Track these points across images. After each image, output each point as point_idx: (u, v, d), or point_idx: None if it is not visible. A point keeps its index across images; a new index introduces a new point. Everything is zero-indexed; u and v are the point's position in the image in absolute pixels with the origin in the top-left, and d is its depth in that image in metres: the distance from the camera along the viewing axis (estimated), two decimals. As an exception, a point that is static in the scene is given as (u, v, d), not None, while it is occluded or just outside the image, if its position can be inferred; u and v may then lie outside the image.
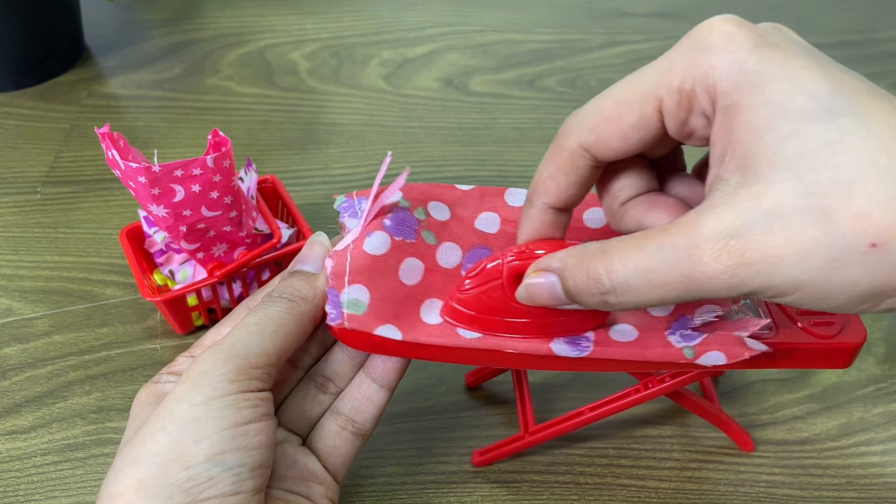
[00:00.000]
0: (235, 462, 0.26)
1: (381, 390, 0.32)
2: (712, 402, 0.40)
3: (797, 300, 0.22)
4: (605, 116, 0.25)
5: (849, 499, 0.38)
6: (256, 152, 0.57)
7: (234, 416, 0.26)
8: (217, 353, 0.27)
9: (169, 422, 0.26)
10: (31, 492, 0.38)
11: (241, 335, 0.28)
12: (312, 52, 0.67)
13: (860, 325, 0.30)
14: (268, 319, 0.28)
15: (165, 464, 0.25)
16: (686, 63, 0.23)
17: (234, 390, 0.27)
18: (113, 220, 0.52)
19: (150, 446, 0.26)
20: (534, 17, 0.71)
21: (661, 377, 0.36)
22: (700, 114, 0.24)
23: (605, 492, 0.38)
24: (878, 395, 0.43)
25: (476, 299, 0.29)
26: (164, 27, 0.69)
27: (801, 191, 0.21)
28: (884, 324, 0.46)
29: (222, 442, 0.26)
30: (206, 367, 0.27)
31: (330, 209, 0.53)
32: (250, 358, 0.27)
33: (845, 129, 0.21)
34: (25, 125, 0.60)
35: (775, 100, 0.22)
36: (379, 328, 0.28)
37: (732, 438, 0.40)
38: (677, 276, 0.23)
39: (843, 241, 0.21)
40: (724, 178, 0.23)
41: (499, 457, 0.39)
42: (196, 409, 0.26)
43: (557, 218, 0.28)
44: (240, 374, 0.27)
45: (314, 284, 0.30)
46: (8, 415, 0.42)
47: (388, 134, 0.59)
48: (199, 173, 0.38)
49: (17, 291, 0.48)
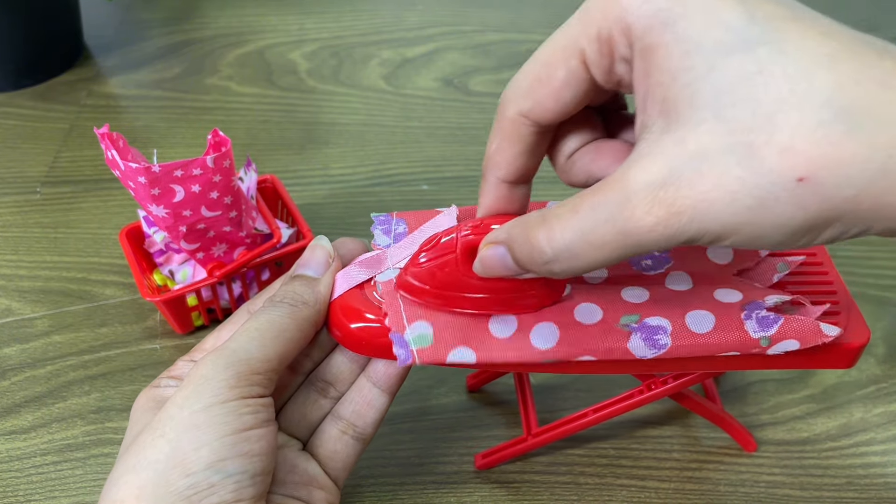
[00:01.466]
0: (236, 469, 0.26)
1: (383, 394, 0.32)
2: (714, 402, 0.40)
3: (736, 242, 0.21)
4: (535, 79, 0.25)
5: (849, 499, 0.38)
6: (256, 152, 0.57)
7: (235, 422, 0.26)
8: (218, 358, 0.27)
9: (169, 428, 0.26)
10: (31, 492, 0.38)
11: (243, 340, 0.28)
12: (312, 51, 0.67)
13: (863, 325, 0.30)
14: (269, 325, 0.28)
15: (166, 471, 0.25)
16: (600, 9, 0.22)
17: (235, 396, 0.26)
18: (112, 220, 0.52)
19: (150, 453, 0.26)
20: (534, 17, 0.71)
21: (664, 378, 0.36)
22: (622, 60, 0.23)
23: (605, 492, 0.38)
24: (878, 395, 0.43)
25: (430, 273, 0.28)
26: (164, 27, 0.69)
27: (722, 130, 0.20)
28: (884, 324, 0.46)
29: (223, 449, 0.26)
30: (206, 373, 0.27)
31: (330, 209, 0.53)
32: (251, 364, 0.27)
33: (763, 59, 0.20)
34: (25, 125, 0.59)
35: (689, 36, 0.21)
36: (450, 355, 0.28)
37: (735, 439, 0.40)
38: (614, 234, 0.22)
39: (770, 178, 0.20)
40: (648, 125, 0.22)
41: (501, 459, 0.39)
42: (196, 416, 0.26)
43: (512, 191, 0.28)
44: (241, 380, 0.27)
45: (316, 289, 0.30)
46: (7, 415, 0.42)
47: (388, 134, 0.59)
48: (199, 173, 0.38)
49: (16, 291, 0.48)
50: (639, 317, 0.29)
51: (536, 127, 0.26)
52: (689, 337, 0.28)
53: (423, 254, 0.29)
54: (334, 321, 0.30)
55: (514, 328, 0.29)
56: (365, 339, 0.29)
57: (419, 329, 0.28)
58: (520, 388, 0.40)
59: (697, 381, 0.36)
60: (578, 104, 0.25)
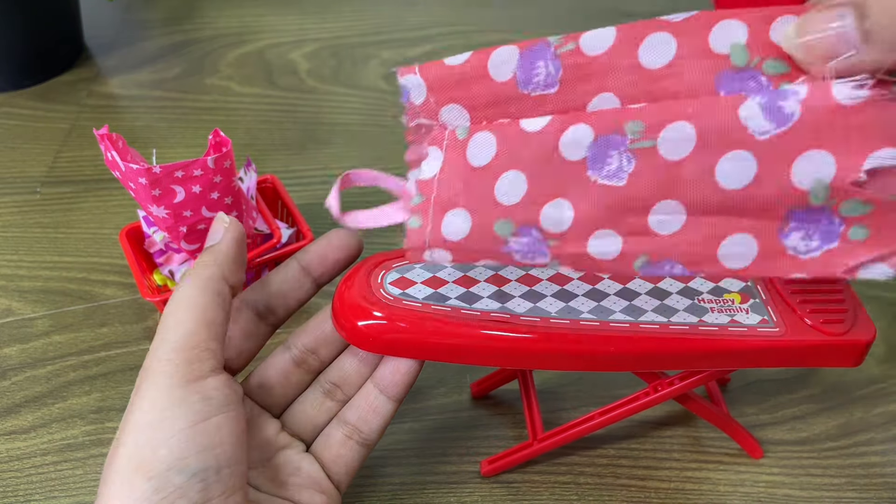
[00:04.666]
0: (200, 466, 0.24)
1: (389, 402, 0.32)
2: (719, 406, 0.40)
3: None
4: None
5: (849, 499, 0.38)
6: (256, 152, 0.57)
7: (187, 414, 0.25)
8: (151, 352, 0.26)
9: (126, 433, 0.25)
10: (31, 492, 0.38)
11: (166, 326, 0.27)
12: (312, 52, 0.67)
13: (869, 322, 0.30)
14: (176, 304, 0.27)
15: (129, 478, 0.24)
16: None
17: (179, 384, 0.25)
18: (112, 221, 0.52)
19: (116, 463, 0.25)
20: (533, 17, 0.71)
21: (670, 380, 0.36)
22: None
23: (605, 492, 0.38)
24: (878, 395, 0.43)
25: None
26: (164, 27, 0.69)
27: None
28: (883, 324, 0.46)
29: (180, 446, 0.24)
30: (146, 373, 0.26)
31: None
32: (179, 343, 0.26)
33: None
34: (25, 125, 0.59)
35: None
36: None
37: (740, 444, 0.40)
38: None
39: None
40: None
41: (508, 465, 0.38)
42: (147, 415, 0.25)
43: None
44: (178, 367, 0.25)
45: (214, 249, 0.29)
46: (7, 415, 0.42)
47: (388, 134, 0.59)
48: (200, 174, 0.38)
49: (16, 291, 0.48)
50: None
51: None
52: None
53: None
54: (341, 318, 0.30)
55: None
56: (372, 336, 0.29)
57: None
58: (524, 392, 0.39)
59: (705, 381, 0.36)
60: None
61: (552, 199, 0.25)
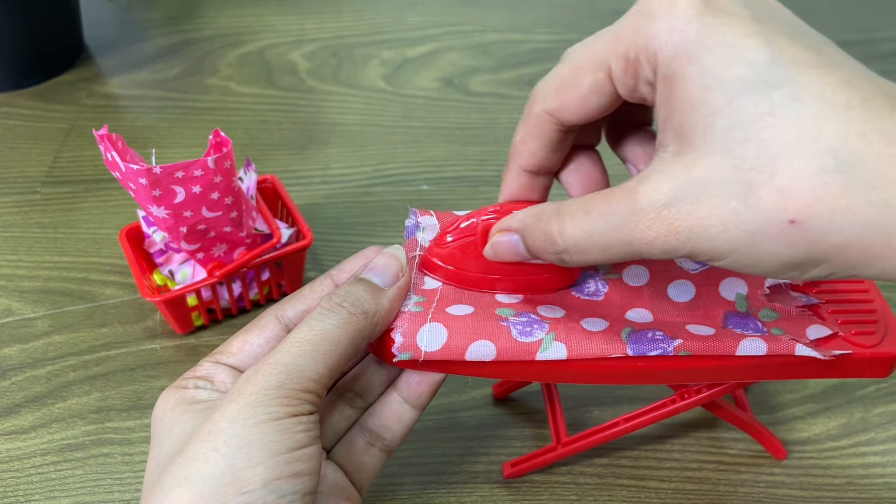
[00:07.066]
0: (290, 489, 0.25)
1: (413, 410, 0.32)
2: (745, 411, 0.40)
3: (729, 265, 0.23)
4: (564, 82, 0.26)
5: (849, 499, 0.38)
6: (256, 152, 0.57)
7: (289, 441, 0.25)
8: (269, 373, 0.26)
9: (223, 443, 0.25)
10: (31, 492, 0.38)
11: (295, 353, 0.27)
12: (312, 52, 0.67)
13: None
14: (322, 337, 0.27)
15: (221, 487, 0.24)
16: (631, 30, 0.24)
17: (288, 414, 0.26)
18: (112, 221, 0.52)
19: (203, 467, 0.25)
20: (534, 17, 0.71)
21: (697, 388, 0.36)
22: (645, 82, 0.24)
23: (605, 492, 0.38)
24: (878, 395, 0.43)
25: (451, 254, 0.30)
26: (164, 27, 0.69)
27: (728, 164, 0.21)
28: (884, 324, 0.46)
29: (277, 468, 0.25)
30: (257, 388, 0.26)
31: (330, 209, 0.53)
32: (303, 381, 0.26)
33: (777, 102, 0.21)
34: (25, 125, 0.59)
35: (711, 70, 0.22)
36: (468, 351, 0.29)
37: (765, 447, 0.39)
38: (619, 240, 0.24)
39: (764, 217, 0.21)
40: (664, 145, 0.23)
41: (530, 468, 0.38)
42: (249, 432, 0.25)
43: (533, 181, 0.29)
44: (293, 399, 0.26)
45: (379, 300, 0.28)
46: (7, 415, 0.42)
47: (388, 134, 0.59)
48: (200, 174, 0.38)
49: (16, 291, 0.48)
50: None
51: (560, 126, 0.27)
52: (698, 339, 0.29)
53: (447, 236, 0.30)
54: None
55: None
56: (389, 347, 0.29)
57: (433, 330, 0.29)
58: (548, 397, 0.39)
59: (729, 391, 0.36)
60: (603, 111, 0.26)
61: (544, 305, 0.31)
